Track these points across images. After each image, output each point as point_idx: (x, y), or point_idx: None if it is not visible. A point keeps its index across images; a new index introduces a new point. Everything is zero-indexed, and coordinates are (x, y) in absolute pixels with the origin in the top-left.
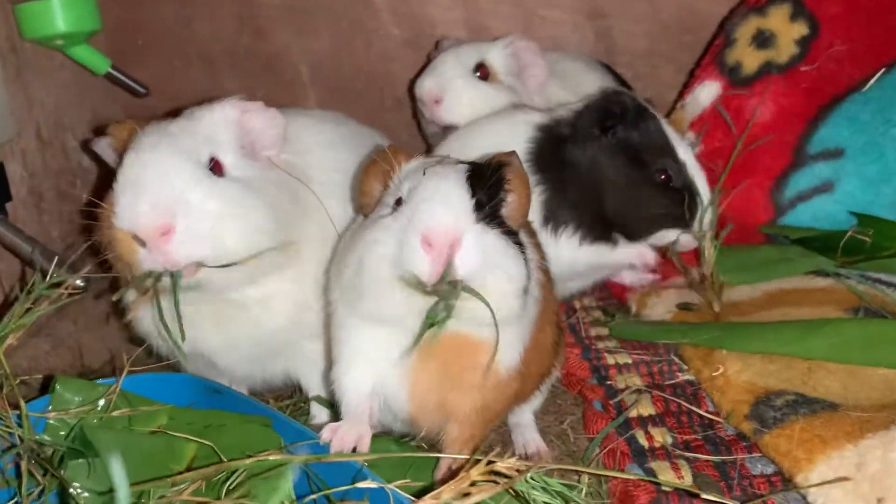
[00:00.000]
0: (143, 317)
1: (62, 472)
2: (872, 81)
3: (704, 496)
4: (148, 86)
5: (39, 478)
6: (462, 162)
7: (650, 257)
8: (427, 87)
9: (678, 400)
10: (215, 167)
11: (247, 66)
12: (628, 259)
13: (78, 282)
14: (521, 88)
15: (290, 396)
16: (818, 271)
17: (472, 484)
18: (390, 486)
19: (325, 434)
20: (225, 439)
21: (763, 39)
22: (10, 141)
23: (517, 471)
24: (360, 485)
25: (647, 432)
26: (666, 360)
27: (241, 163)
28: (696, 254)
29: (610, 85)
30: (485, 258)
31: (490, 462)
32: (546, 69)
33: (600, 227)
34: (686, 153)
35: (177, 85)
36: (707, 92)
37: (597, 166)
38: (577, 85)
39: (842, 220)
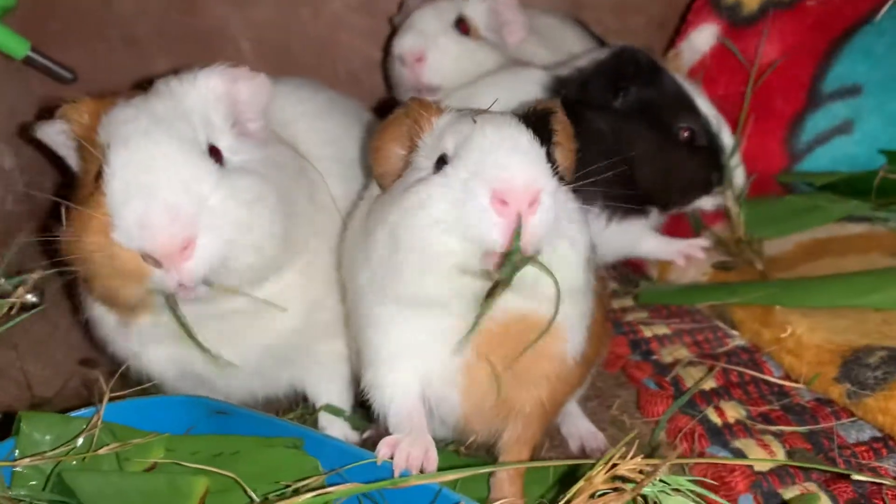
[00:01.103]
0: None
1: None
2: (884, 10)
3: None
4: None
5: None
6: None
7: (694, 251)
8: (408, 44)
9: (738, 368)
10: (215, 156)
11: (179, 45)
12: (664, 256)
13: (29, 297)
14: (503, 45)
15: (292, 409)
16: (849, 216)
17: (593, 495)
18: None
19: (383, 451)
20: (244, 468)
21: None
22: None
23: (640, 472)
24: None
25: (717, 408)
26: (709, 326)
27: (236, 144)
28: (718, 213)
29: (586, 40)
30: (559, 221)
31: (613, 465)
32: (525, 25)
33: (628, 201)
34: (707, 106)
35: (101, 72)
36: (704, 36)
37: (615, 133)
38: (555, 41)
39: (863, 161)
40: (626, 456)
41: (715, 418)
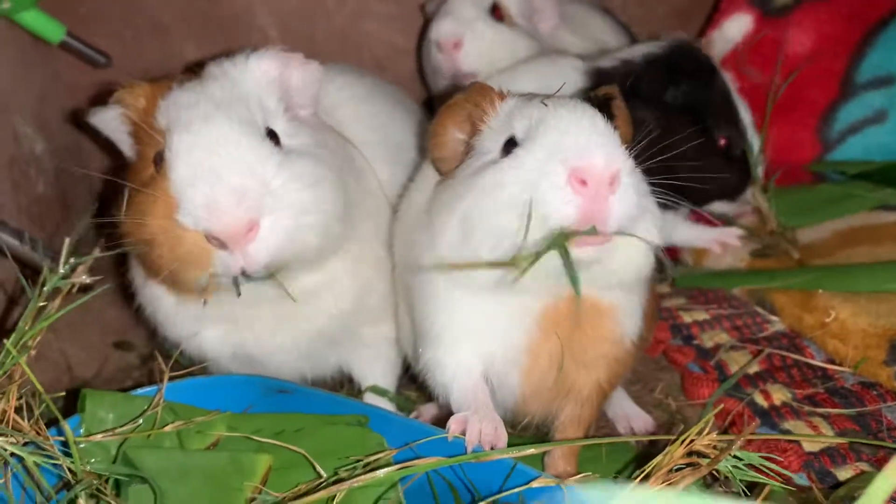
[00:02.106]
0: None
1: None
2: None
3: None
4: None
5: None
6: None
7: (729, 238)
8: (445, 29)
9: (785, 353)
10: (273, 138)
11: (205, 32)
12: (700, 243)
13: (85, 278)
14: (535, 33)
15: (337, 390)
16: (883, 205)
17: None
18: (570, 481)
19: (454, 427)
20: (308, 446)
21: None
22: None
23: (714, 448)
24: (536, 484)
25: (763, 391)
26: (747, 312)
27: (290, 128)
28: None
29: (614, 29)
30: (639, 201)
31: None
32: (557, 13)
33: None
34: (746, 115)
35: (128, 58)
36: (737, 26)
37: (659, 125)
38: (585, 29)
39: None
40: (701, 433)
41: (761, 401)
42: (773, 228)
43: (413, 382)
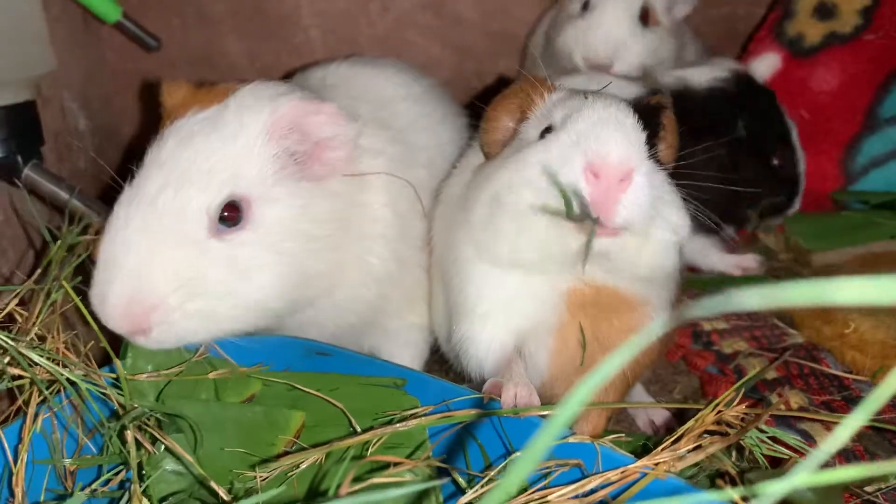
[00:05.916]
0: None
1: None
2: None
3: None
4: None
5: (148, 446)
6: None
7: (748, 262)
8: (598, 51)
9: (802, 362)
10: (228, 215)
11: (251, 27)
12: (723, 268)
13: None
14: (675, 25)
15: None
16: None
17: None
18: (605, 440)
19: (491, 389)
20: (343, 404)
21: (825, 11)
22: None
23: (741, 420)
24: (573, 439)
25: (780, 395)
26: (766, 324)
27: (274, 193)
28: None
29: None
30: (652, 202)
31: (719, 411)
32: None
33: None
34: (795, 134)
35: (174, 46)
36: (766, 64)
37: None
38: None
39: None
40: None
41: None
42: (785, 255)
43: (436, 370)
